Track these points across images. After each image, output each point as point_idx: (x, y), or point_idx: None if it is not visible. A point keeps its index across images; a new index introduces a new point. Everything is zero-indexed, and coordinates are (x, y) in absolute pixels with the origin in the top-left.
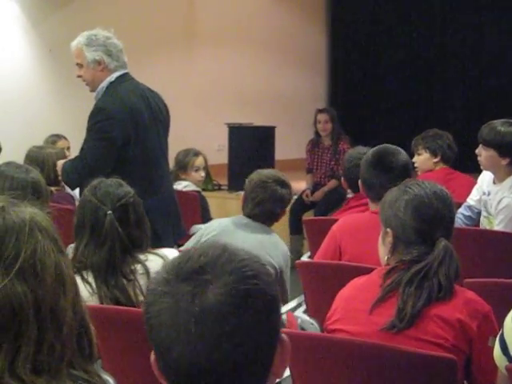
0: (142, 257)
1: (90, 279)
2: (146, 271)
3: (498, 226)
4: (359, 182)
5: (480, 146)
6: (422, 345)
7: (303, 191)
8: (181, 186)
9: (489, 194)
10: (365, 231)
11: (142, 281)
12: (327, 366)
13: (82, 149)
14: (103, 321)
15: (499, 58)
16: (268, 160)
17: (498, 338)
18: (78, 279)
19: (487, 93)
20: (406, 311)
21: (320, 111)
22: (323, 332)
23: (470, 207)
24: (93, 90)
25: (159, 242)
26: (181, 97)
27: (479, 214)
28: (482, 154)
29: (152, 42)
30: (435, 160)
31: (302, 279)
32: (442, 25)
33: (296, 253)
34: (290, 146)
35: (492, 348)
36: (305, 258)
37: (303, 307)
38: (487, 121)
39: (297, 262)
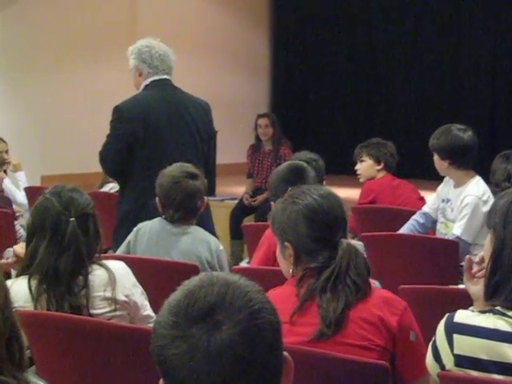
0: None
1: (35, 284)
2: (86, 285)
3: (459, 221)
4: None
5: None
6: (348, 349)
7: (243, 195)
8: (108, 188)
9: (448, 201)
10: None
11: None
12: None
13: None
14: (40, 326)
15: (439, 64)
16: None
17: (430, 345)
18: (24, 284)
19: (429, 99)
20: (329, 317)
21: (260, 116)
22: None
23: (425, 214)
24: None
25: None
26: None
27: (434, 223)
28: (435, 160)
29: (93, 45)
30: (378, 167)
31: None
32: (384, 31)
33: (236, 258)
34: (231, 151)
35: (414, 342)
36: (244, 264)
37: None
38: (430, 127)
39: (233, 267)
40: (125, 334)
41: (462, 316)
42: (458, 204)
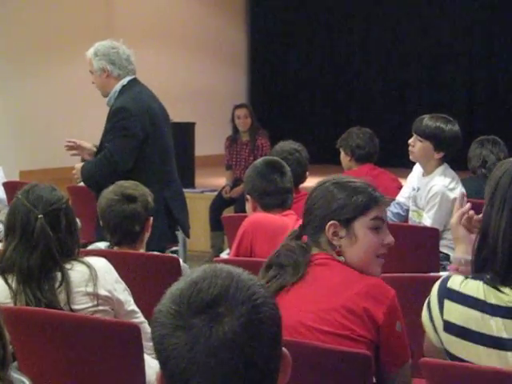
0: (67, 265)
1: (13, 282)
2: (66, 281)
3: (428, 212)
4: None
5: (414, 136)
6: (330, 338)
7: (223, 188)
8: None
9: (418, 190)
10: (275, 232)
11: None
12: None
13: (104, 148)
14: (22, 322)
15: (416, 52)
16: (188, 156)
17: (425, 304)
18: (2, 281)
19: (407, 87)
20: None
21: (238, 107)
22: None
23: (399, 204)
24: (104, 95)
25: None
26: (99, 94)
27: (408, 211)
28: (417, 144)
29: (70, 41)
30: (349, 158)
31: None
32: (361, 22)
33: (217, 249)
34: (210, 142)
35: (398, 332)
36: (224, 255)
37: None
38: (407, 117)
39: (214, 258)
40: (107, 328)
41: (456, 282)
42: (425, 193)
